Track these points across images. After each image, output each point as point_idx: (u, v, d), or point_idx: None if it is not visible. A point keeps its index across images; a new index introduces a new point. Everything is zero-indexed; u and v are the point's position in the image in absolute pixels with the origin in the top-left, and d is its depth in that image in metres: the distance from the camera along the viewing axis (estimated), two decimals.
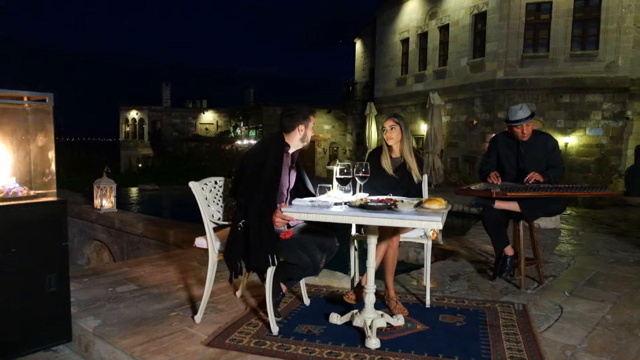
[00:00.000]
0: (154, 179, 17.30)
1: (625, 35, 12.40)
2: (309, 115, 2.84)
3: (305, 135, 2.84)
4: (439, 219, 2.21)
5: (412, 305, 3.14)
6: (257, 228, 2.52)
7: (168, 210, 10.91)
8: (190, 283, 3.62)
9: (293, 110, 2.83)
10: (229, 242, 2.66)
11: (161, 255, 4.49)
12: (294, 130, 2.80)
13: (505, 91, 13.58)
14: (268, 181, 2.61)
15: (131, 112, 34.94)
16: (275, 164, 2.67)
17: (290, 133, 2.81)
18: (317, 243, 2.74)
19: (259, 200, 2.55)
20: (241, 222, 2.59)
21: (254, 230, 2.52)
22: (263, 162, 2.64)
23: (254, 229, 2.52)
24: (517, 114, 3.53)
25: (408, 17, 17.98)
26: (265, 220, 2.52)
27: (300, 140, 2.84)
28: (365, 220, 2.31)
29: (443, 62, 16.30)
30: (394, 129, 3.20)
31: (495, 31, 13.78)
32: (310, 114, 2.85)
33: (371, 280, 2.66)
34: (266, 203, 2.55)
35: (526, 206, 3.35)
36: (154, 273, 3.88)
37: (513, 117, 3.55)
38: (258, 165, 2.63)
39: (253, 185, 2.58)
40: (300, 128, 2.80)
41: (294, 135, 2.81)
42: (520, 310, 3.07)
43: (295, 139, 2.82)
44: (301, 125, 2.79)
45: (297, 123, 2.79)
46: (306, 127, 2.82)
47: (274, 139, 2.81)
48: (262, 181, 2.59)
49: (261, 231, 2.51)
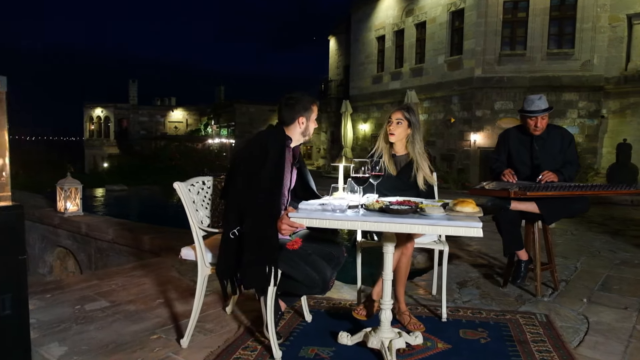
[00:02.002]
0: (121, 179, 16.51)
1: (600, 34, 12.51)
2: (311, 106, 2.46)
3: (307, 128, 2.47)
4: (480, 225, 1.88)
5: (426, 319, 2.81)
6: (256, 237, 2.13)
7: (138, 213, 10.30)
8: (171, 297, 3.18)
9: (292, 99, 2.45)
10: (222, 253, 2.26)
11: (135, 265, 4.02)
12: (294, 123, 2.42)
13: (483, 89, 13.52)
14: (269, 181, 2.23)
15: (96, 110, 33.67)
16: (277, 161, 2.29)
17: (290, 126, 2.43)
18: (323, 254, 2.37)
19: (260, 203, 2.17)
20: (235, 230, 2.19)
21: (252, 240, 2.13)
22: (263, 159, 2.25)
23: (253, 238, 2.13)
24: (535, 104, 3.23)
25: (384, 14, 17.78)
26: (268, 227, 2.13)
27: (301, 134, 2.46)
28: (397, 227, 1.94)
29: (420, 59, 16.16)
30: (401, 124, 2.83)
31: (472, 29, 13.70)
32: (312, 104, 2.48)
33: (388, 294, 2.32)
34: (269, 207, 2.17)
35: (546, 207, 3.07)
36: (129, 286, 3.42)
37: (529, 107, 3.25)
38: (257, 163, 2.24)
39: (251, 186, 2.20)
40: (301, 120, 2.42)
41: (294, 128, 2.43)
42: (544, 322, 2.78)
43: (296, 132, 2.45)
44: (302, 118, 2.42)
45: (297, 115, 2.41)
46: (308, 119, 2.45)
47: (273, 132, 2.43)
48: (262, 181, 2.21)
49: (262, 241, 2.12)
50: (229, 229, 2.20)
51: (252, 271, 2.13)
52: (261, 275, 2.12)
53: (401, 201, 2.25)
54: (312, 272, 2.21)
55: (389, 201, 2.30)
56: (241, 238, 2.18)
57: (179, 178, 10.35)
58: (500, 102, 13.31)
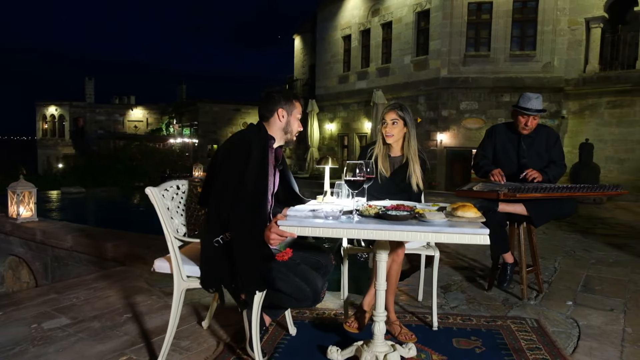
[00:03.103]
0: (78, 181, 15.74)
1: (560, 37, 12.86)
2: (292, 100, 2.28)
3: (289, 125, 2.27)
4: (487, 232, 1.75)
5: (416, 328, 2.67)
6: (243, 247, 1.93)
7: (98, 217, 9.79)
8: (140, 311, 2.92)
9: (272, 92, 2.31)
10: (205, 263, 2.05)
11: (98, 275, 3.71)
12: (274, 117, 2.23)
13: (449, 89, 13.66)
14: (254, 185, 2.03)
15: (50, 108, 32.16)
16: (260, 162, 2.09)
17: (269, 120, 2.24)
18: (311, 263, 2.20)
19: (244, 210, 1.96)
20: (220, 238, 1.98)
21: (239, 250, 1.93)
22: (246, 160, 2.05)
23: (239, 248, 1.93)
24: (531, 102, 3.15)
25: (350, 13, 17.73)
26: (255, 237, 1.94)
27: (282, 130, 2.26)
28: (398, 235, 1.79)
29: (386, 59, 16.18)
30: (396, 123, 2.70)
31: (438, 29, 13.82)
32: (295, 98, 2.30)
33: (381, 305, 2.16)
34: (255, 215, 1.97)
35: (534, 209, 3.00)
36: (92, 299, 3.13)
37: (525, 104, 3.16)
38: (239, 165, 2.04)
39: (235, 192, 1.99)
40: (281, 113, 2.23)
41: (274, 123, 2.24)
42: (536, 327, 2.71)
43: (277, 128, 2.25)
44: (282, 110, 2.23)
45: (277, 106, 2.22)
46: (289, 114, 2.25)
47: (254, 131, 2.22)
48: (247, 186, 2.01)
49: (249, 251, 1.93)
50: (211, 238, 1.99)
51: (241, 280, 1.93)
52: (251, 283, 1.93)
53: (395, 205, 2.11)
54: (302, 283, 2.03)
55: (383, 206, 2.15)
56: (226, 246, 1.98)
57: (140, 179, 10.07)
58: (465, 103, 13.49)
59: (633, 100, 11.96)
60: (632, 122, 11.97)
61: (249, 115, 26.17)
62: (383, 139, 2.77)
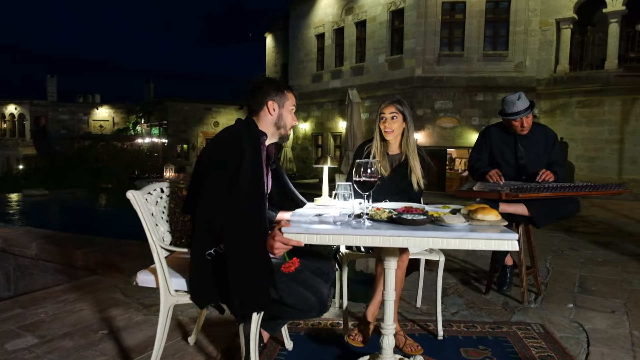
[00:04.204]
0: (40, 182, 14.99)
1: (531, 37, 13.05)
2: (284, 91, 2.03)
3: (281, 118, 2.03)
4: (516, 237, 1.59)
5: (420, 338, 2.51)
6: (240, 262, 1.70)
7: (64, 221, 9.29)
8: (118, 326, 2.65)
9: (260, 81, 2.06)
10: (197, 276, 1.81)
11: (68, 286, 3.40)
12: (263, 110, 1.99)
13: (424, 88, 13.68)
14: (250, 189, 1.79)
15: (9, 107, 30.79)
16: (255, 161, 1.85)
17: (259, 115, 2.00)
18: (312, 270, 2.00)
19: (240, 219, 1.73)
20: (212, 250, 1.76)
21: (235, 265, 1.71)
22: (238, 161, 1.79)
23: (236, 263, 1.70)
24: (516, 106, 3.05)
25: (323, 11, 17.57)
26: (255, 248, 1.71)
27: (274, 125, 2.03)
28: (418, 241, 1.61)
29: (360, 58, 16.10)
30: (396, 118, 2.54)
31: (412, 29, 13.82)
32: (287, 89, 2.05)
33: (390, 316, 1.99)
34: (253, 223, 1.75)
35: (536, 209, 2.88)
36: (62, 314, 2.83)
37: (511, 110, 3.07)
38: (231, 167, 1.78)
39: (228, 198, 1.75)
40: (272, 106, 1.99)
41: (265, 117, 2.00)
42: (543, 333, 2.59)
43: (268, 123, 2.01)
44: (272, 102, 1.99)
45: (266, 98, 1.98)
46: (280, 106, 2.01)
47: (244, 126, 1.97)
48: (242, 190, 1.76)
49: (247, 266, 1.70)
50: (202, 250, 1.76)
51: (242, 296, 1.70)
52: (251, 302, 1.71)
53: (404, 208, 1.94)
54: (307, 292, 1.81)
55: (393, 208, 1.98)
56: (219, 259, 1.75)
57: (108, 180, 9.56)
58: (440, 102, 13.53)
59: (602, 100, 12.24)
60: (601, 122, 12.25)
61: (221, 115, 25.69)
62: (381, 135, 2.60)
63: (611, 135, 12.12)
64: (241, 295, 1.70)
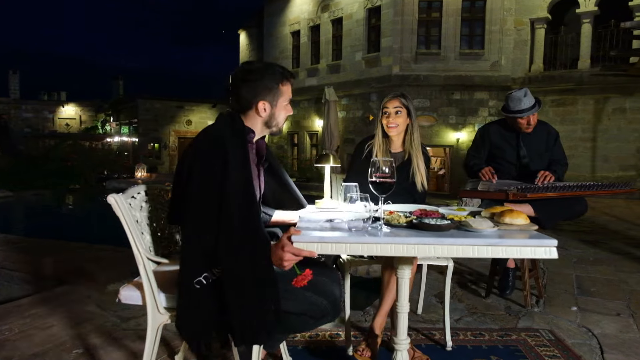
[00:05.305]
0: (3, 183, 14.24)
1: (506, 36, 13.15)
2: (278, 85, 1.72)
3: (273, 117, 1.75)
4: (555, 242, 1.44)
5: (427, 349, 2.35)
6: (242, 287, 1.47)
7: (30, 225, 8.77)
8: (94, 344, 2.39)
9: (250, 73, 1.70)
10: (186, 305, 1.55)
11: (36, 298, 3.10)
12: (252, 111, 1.72)
13: (402, 87, 13.58)
14: (240, 199, 1.53)
15: None
16: (242, 165, 1.59)
17: (247, 114, 1.73)
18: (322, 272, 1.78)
19: (235, 237, 1.48)
20: (202, 277, 1.50)
21: (235, 291, 1.47)
22: (222, 167, 1.52)
23: (236, 289, 1.47)
24: (523, 103, 2.92)
25: (298, 8, 17.33)
26: (258, 267, 1.48)
27: (264, 124, 1.77)
28: (446, 250, 1.43)
29: (337, 56, 15.93)
30: (400, 113, 2.37)
31: (389, 26, 13.73)
32: (281, 81, 1.74)
33: (403, 330, 1.82)
34: (251, 237, 1.50)
35: (543, 209, 2.76)
36: (30, 331, 2.55)
37: (517, 107, 2.94)
38: (215, 176, 1.52)
39: (218, 213, 1.49)
40: (262, 106, 1.70)
41: (253, 118, 1.73)
42: (554, 340, 2.46)
43: (256, 122, 1.75)
44: (263, 102, 1.70)
45: (256, 98, 1.70)
46: (273, 105, 1.73)
47: (227, 123, 1.70)
48: (231, 200, 1.50)
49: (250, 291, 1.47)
50: (193, 273, 1.51)
51: (245, 325, 1.48)
52: (254, 333, 1.48)
53: (421, 211, 1.76)
54: (316, 296, 1.58)
55: (407, 212, 1.80)
56: (214, 284, 1.51)
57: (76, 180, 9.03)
58: (417, 100, 13.49)
59: (575, 99, 12.43)
60: (574, 120, 12.44)
61: (193, 113, 25.12)
62: (383, 132, 2.42)
63: (584, 133, 12.32)
64: (242, 328, 1.47)
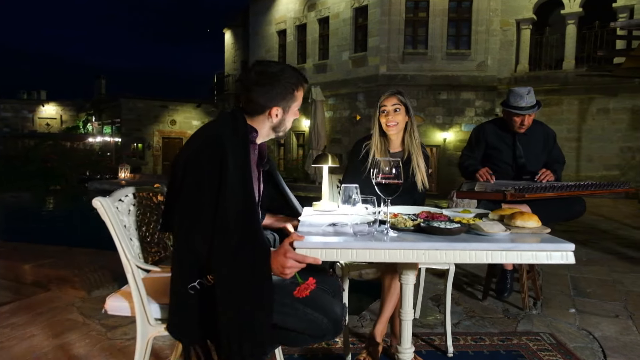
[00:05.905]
0: None
1: (493, 37, 13.23)
2: (294, 91, 1.63)
3: (283, 123, 1.66)
4: (572, 247, 1.37)
5: (428, 355, 2.27)
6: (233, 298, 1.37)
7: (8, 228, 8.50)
8: (77, 355, 2.26)
9: (266, 77, 1.58)
10: (178, 311, 1.46)
11: (15, 306, 2.94)
12: (263, 115, 1.61)
13: (389, 87, 13.53)
14: (240, 204, 1.42)
15: None
16: (242, 167, 1.48)
17: (257, 118, 1.62)
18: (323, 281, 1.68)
19: (232, 243, 1.37)
20: (197, 283, 1.41)
21: (230, 301, 1.37)
22: (220, 171, 1.42)
23: (228, 299, 1.37)
24: (524, 100, 2.85)
25: (285, 7, 17.21)
26: (256, 276, 1.38)
27: (272, 128, 1.67)
28: (461, 255, 1.35)
29: (324, 55, 15.86)
30: (399, 110, 2.29)
31: (376, 26, 13.70)
32: (296, 88, 1.64)
33: (408, 339, 1.73)
34: (249, 243, 1.40)
35: (541, 210, 2.69)
36: (9, 342, 2.41)
37: (517, 103, 2.87)
38: (212, 180, 1.41)
39: (213, 218, 1.39)
40: (275, 112, 1.61)
41: (262, 122, 1.63)
42: (555, 344, 2.41)
43: (264, 125, 1.65)
44: (277, 109, 1.61)
45: (271, 103, 1.59)
46: (286, 111, 1.64)
47: (229, 121, 1.58)
48: (229, 204, 1.40)
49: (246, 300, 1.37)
50: (184, 283, 1.41)
51: (241, 337, 1.37)
52: (255, 341, 1.39)
53: (426, 214, 1.68)
54: (317, 314, 1.48)
55: (411, 214, 1.72)
56: (207, 292, 1.41)
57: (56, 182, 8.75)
58: None
59: (560, 99, 12.55)
60: (559, 120, 12.55)
61: (178, 113, 24.78)
62: (381, 130, 2.34)
63: (569, 133, 12.44)
64: (239, 341, 1.37)
